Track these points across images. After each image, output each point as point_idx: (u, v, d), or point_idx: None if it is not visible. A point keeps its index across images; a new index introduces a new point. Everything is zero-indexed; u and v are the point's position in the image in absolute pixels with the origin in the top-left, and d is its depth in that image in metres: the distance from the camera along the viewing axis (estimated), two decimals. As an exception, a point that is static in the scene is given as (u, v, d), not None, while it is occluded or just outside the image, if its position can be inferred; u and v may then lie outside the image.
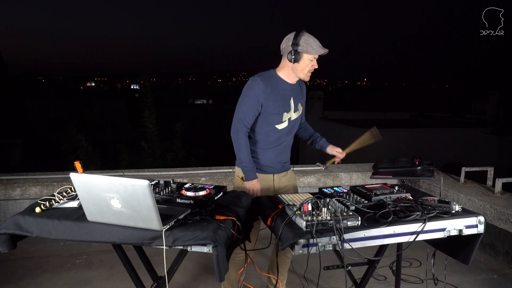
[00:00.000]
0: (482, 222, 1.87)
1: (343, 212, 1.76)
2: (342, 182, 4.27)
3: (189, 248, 1.68)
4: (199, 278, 3.05)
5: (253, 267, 2.58)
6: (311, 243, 1.64)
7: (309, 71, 2.30)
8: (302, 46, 2.22)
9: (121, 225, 1.68)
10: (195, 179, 3.94)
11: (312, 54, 2.24)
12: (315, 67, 2.30)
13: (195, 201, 1.92)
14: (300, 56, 2.24)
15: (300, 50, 2.23)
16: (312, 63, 2.28)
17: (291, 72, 2.32)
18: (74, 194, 2.00)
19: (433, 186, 3.96)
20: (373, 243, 1.75)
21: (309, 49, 2.22)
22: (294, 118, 2.41)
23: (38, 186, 3.67)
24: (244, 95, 2.31)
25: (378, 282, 3.00)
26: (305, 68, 2.28)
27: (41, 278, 3.03)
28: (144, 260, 2.17)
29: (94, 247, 3.51)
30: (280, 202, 2.02)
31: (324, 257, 2.01)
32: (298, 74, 2.32)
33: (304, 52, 2.23)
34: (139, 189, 1.54)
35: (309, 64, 2.27)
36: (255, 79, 2.30)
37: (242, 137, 2.31)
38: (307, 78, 2.33)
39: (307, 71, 2.30)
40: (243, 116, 2.30)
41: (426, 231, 1.79)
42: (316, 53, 2.24)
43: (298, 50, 2.22)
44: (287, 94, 2.35)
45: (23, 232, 1.79)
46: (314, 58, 2.27)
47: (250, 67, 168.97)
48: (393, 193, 2.03)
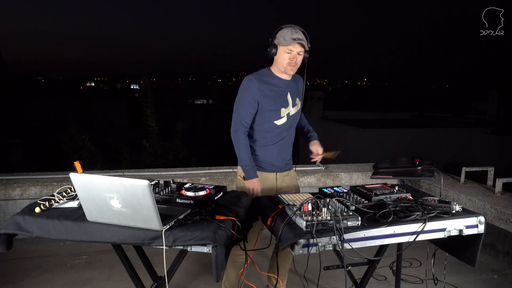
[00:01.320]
0: (482, 222, 1.87)
1: (343, 212, 1.76)
2: (342, 182, 4.27)
3: (189, 248, 1.68)
4: (199, 278, 3.05)
5: (253, 267, 2.57)
6: (311, 243, 1.64)
7: (288, 64, 2.27)
8: (277, 38, 2.26)
9: (121, 225, 1.68)
10: (195, 179, 3.94)
11: (284, 46, 2.23)
12: (294, 59, 2.26)
13: (195, 201, 1.92)
14: (276, 48, 2.26)
15: (276, 43, 2.26)
16: (290, 55, 2.25)
17: (276, 67, 2.34)
18: (74, 194, 2.00)
19: (433, 186, 3.95)
20: (373, 243, 1.75)
21: (282, 40, 2.24)
22: (293, 113, 2.42)
23: (38, 186, 3.67)
24: (240, 94, 2.33)
25: (378, 282, 3.00)
26: (283, 61, 2.27)
27: (41, 278, 3.02)
28: (144, 260, 2.17)
29: (94, 247, 3.51)
30: (280, 202, 2.01)
31: (324, 257, 2.01)
32: (279, 67, 2.32)
33: (278, 45, 2.26)
34: (139, 189, 1.54)
35: (286, 57, 2.26)
36: (250, 78, 2.32)
37: (242, 136, 2.32)
38: (290, 71, 2.31)
39: (286, 64, 2.27)
40: (241, 116, 2.31)
41: (426, 231, 1.79)
42: (287, 44, 2.22)
43: (274, 43, 2.27)
44: (283, 89, 2.36)
45: (23, 232, 1.79)
46: (290, 51, 2.24)
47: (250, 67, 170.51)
48: (393, 193, 2.03)
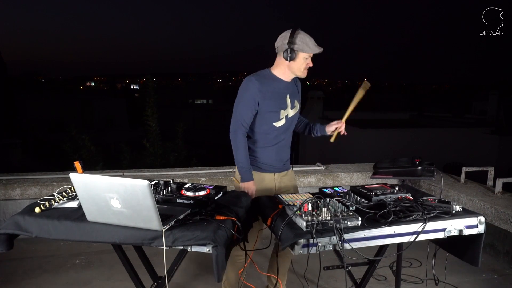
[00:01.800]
0: (482, 222, 1.87)
1: (343, 212, 1.76)
2: (342, 182, 4.27)
3: (189, 248, 1.68)
4: (199, 278, 3.05)
5: (253, 267, 2.57)
6: (311, 243, 1.64)
7: (305, 68, 2.33)
8: (298, 44, 2.24)
9: (121, 225, 1.68)
10: (195, 179, 3.94)
11: (308, 53, 2.27)
12: (309, 65, 2.33)
13: (195, 201, 1.92)
14: (296, 54, 2.26)
15: (296, 49, 2.25)
16: (307, 61, 2.30)
17: (287, 70, 2.34)
18: (74, 194, 2.00)
19: (433, 186, 3.95)
20: (373, 243, 1.75)
21: (305, 47, 2.24)
22: (291, 115, 2.42)
23: (37, 186, 3.67)
24: (240, 95, 2.33)
25: (378, 282, 3.00)
26: (301, 66, 2.30)
27: (41, 278, 3.02)
28: (144, 260, 2.17)
29: (94, 247, 3.51)
30: (280, 202, 2.01)
31: (324, 257, 2.00)
32: (294, 72, 2.34)
33: (300, 51, 2.25)
34: (139, 189, 1.54)
35: (304, 63, 2.30)
36: (250, 78, 2.31)
37: (241, 137, 2.32)
38: (303, 75, 2.36)
39: (303, 69, 2.32)
40: (240, 117, 2.31)
41: (426, 231, 1.79)
42: (312, 52, 2.27)
43: (294, 48, 2.24)
44: (282, 91, 2.36)
45: (23, 232, 1.79)
46: (309, 56, 2.30)
47: (250, 67, 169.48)
48: (393, 193, 2.03)
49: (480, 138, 17.80)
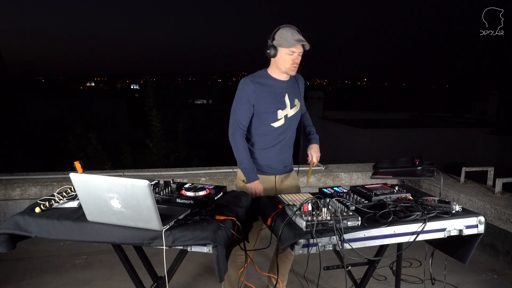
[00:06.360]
0: (482, 222, 1.87)
1: (343, 212, 1.76)
2: (342, 182, 4.27)
3: (189, 248, 1.68)
4: (199, 278, 3.05)
5: (253, 267, 2.57)
6: (311, 243, 1.64)
7: (291, 64, 2.26)
8: (277, 40, 2.22)
9: (121, 225, 1.68)
10: (195, 179, 3.94)
11: (287, 47, 2.21)
12: (296, 61, 2.25)
13: (195, 201, 1.92)
14: (276, 50, 2.23)
15: (276, 44, 2.23)
16: (292, 57, 2.24)
17: (275, 68, 2.32)
18: (74, 194, 2.00)
19: (433, 186, 3.95)
20: (373, 243, 1.75)
21: (284, 42, 2.21)
22: (291, 115, 2.39)
23: (38, 186, 3.67)
24: (236, 97, 2.33)
25: (378, 282, 3.00)
26: (285, 62, 2.25)
27: (41, 278, 3.02)
28: (144, 260, 2.17)
29: (94, 247, 3.51)
30: (280, 202, 2.01)
31: (324, 257, 2.01)
32: (280, 68, 2.29)
33: (279, 46, 2.22)
34: (139, 189, 1.54)
35: (288, 58, 2.24)
36: (245, 80, 2.31)
37: (240, 138, 2.32)
38: (291, 72, 2.30)
39: (289, 65, 2.26)
40: (238, 118, 2.31)
41: (426, 231, 1.79)
42: (290, 46, 2.21)
43: (274, 44, 2.23)
44: (280, 91, 2.34)
45: (23, 232, 1.79)
46: (292, 52, 2.23)
47: (250, 67, 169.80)
48: (393, 193, 2.03)
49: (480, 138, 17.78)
